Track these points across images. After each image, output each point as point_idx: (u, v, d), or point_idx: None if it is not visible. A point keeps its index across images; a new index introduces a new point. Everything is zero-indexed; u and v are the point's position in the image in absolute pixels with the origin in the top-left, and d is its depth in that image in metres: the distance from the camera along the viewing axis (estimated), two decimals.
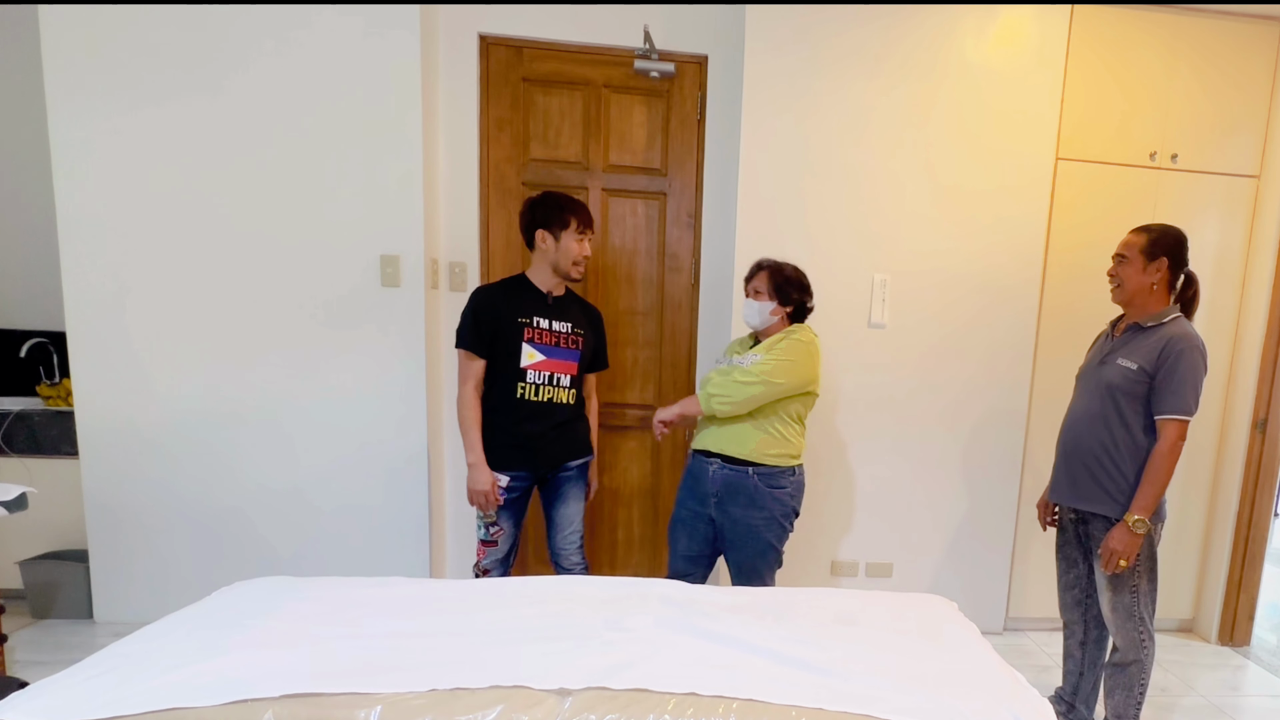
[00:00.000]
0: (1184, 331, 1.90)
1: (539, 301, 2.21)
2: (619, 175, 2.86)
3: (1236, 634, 3.02)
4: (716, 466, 2.16)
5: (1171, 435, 1.88)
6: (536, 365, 2.19)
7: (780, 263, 2.21)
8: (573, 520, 2.36)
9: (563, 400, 2.24)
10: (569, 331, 2.23)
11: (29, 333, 2.82)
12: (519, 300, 2.19)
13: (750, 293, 2.19)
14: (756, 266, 2.22)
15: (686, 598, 1.75)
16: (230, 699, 1.20)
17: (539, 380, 2.20)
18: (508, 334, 2.16)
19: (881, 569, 2.92)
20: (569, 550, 2.36)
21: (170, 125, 2.45)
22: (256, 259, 2.54)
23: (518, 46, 2.74)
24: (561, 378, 2.23)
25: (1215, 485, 3.03)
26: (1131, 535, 1.89)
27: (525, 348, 2.17)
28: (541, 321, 2.19)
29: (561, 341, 2.22)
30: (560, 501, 2.34)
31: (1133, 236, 2.00)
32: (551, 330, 2.20)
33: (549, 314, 2.21)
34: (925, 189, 2.70)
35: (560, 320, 2.22)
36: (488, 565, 2.27)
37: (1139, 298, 1.98)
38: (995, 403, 2.85)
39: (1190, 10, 2.72)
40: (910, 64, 2.63)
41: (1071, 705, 2.29)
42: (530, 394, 2.19)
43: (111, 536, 2.63)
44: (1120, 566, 1.91)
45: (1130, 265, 1.97)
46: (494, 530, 2.23)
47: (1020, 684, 1.46)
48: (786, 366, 2.09)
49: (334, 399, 2.64)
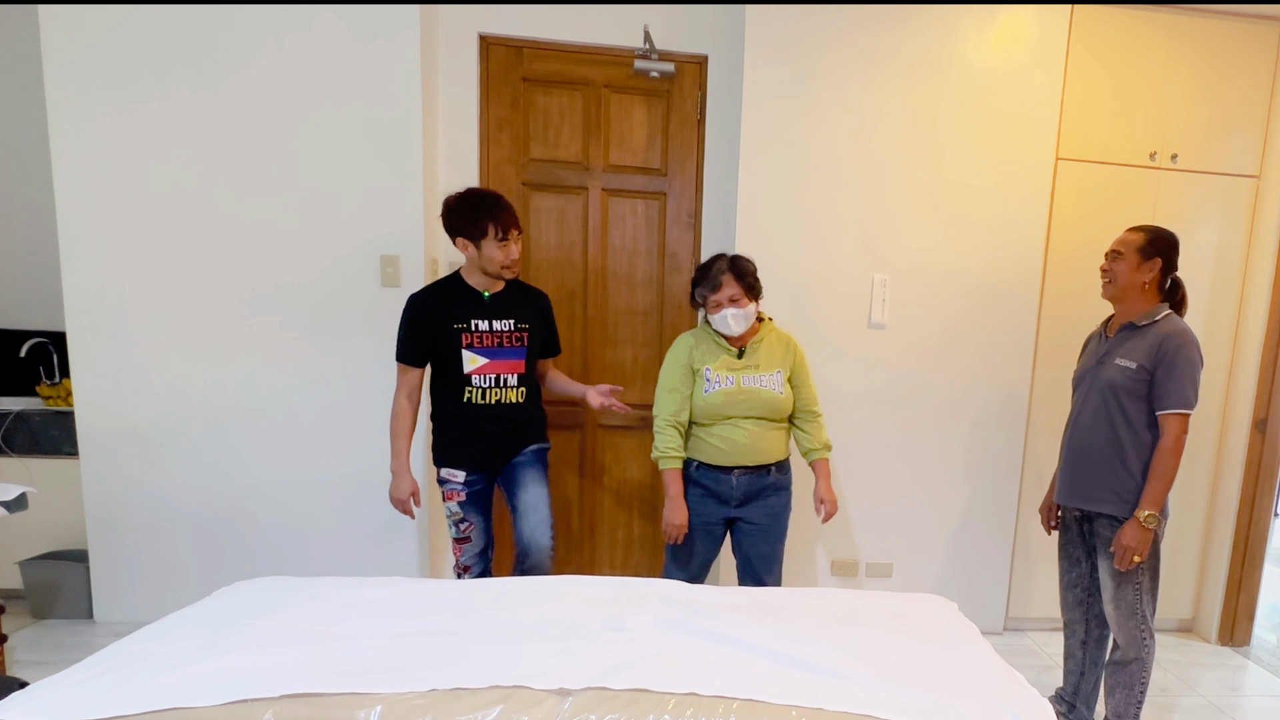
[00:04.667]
0: (1179, 328, 1.93)
1: (474, 302, 2.14)
2: (619, 175, 2.86)
3: (1236, 634, 3.02)
4: (739, 473, 2.18)
5: (1175, 429, 1.91)
6: (480, 370, 2.14)
7: (733, 259, 2.13)
8: (537, 505, 2.23)
9: (511, 400, 2.18)
10: (511, 329, 2.16)
11: (29, 333, 2.82)
12: (454, 304, 2.13)
13: (725, 301, 2.09)
14: (716, 273, 2.09)
15: (686, 598, 1.75)
16: (230, 699, 1.20)
17: (485, 384, 2.15)
18: (446, 341, 2.11)
19: (881, 569, 2.92)
20: (539, 536, 2.20)
21: (170, 126, 2.45)
22: (256, 259, 2.54)
23: (518, 46, 2.74)
24: (508, 378, 2.17)
25: (1215, 485, 3.03)
26: (1143, 531, 1.91)
27: (466, 354, 2.12)
28: (480, 324, 2.13)
29: (504, 341, 2.15)
30: (519, 487, 2.25)
31: (1130, 234, 2.02)
32: (492, 331, 2.14)
33: (487, 314, 2.14)
34: (925, 189, 2.70)
35: (501, 318, 2.15)
36: (467, 562, 2.24)
37: (1129, 295, 2.00)
38: (995, 402, 2.84)
39: (1190, 10, 2.72)
40: (910, 64, 2.62)
41: (1072, 705, 2.29)
42: (477, 398, 2.15)
43: (111, 536, 2.63)
44: (1134, 562, 1.92)
45: (1125, 262, 1.99)
46: (464, 527, 2.21)
47: (1020, 684, 1.46)
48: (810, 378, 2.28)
49: (334, 399, 2.63)
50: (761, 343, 2.19)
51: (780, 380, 2.17)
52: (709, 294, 2.10)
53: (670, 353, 2.22)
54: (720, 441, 2.15)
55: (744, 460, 2.16)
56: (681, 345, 2.20)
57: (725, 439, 2.15)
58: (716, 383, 2.13)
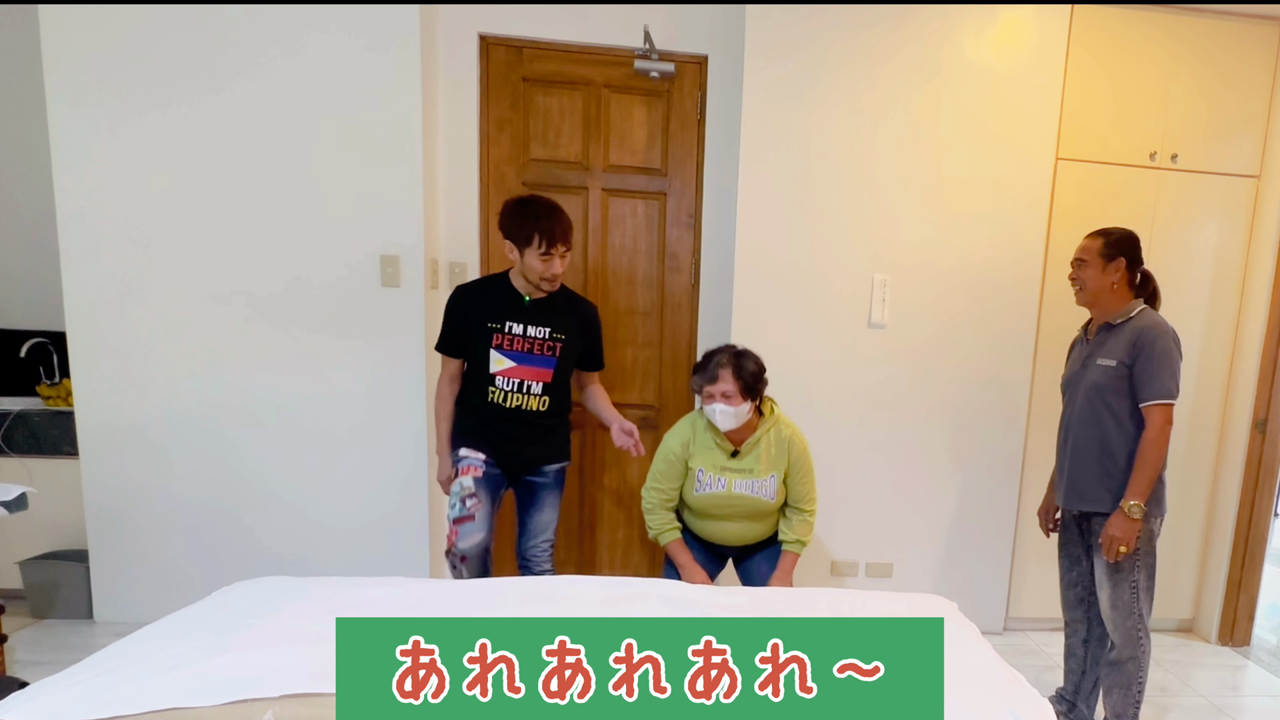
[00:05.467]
0: (1153, 321, 1.96)
1: (514, 304, 2.13)
2: (619, 175, 2.86)
3: (1236, 634, 3.02)
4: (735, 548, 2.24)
5: (1158, 420, 1.93)
6: (505, 372, 2.13)
7: (737, 355, 2.04)
8: (545, 529, 2.28)
9: (533, 408, 2.17)
10: (545, 337, 2.14)
11: (29, 333, 2.82)
12: (493, 302, 2.13)
13: (718, 396, 1.99)
14: (715, 365, 2.01)
15: (686, 598, 1.74)
16: (230, 699, 1.20)
17: (508, 387, 2.14)
18: (477, 338, 2.12)
19: (881, 569, 2.92)
20: (540, 558, 2.27)
21: (169, 126, 2.45)
22: (256, 259, 2.54)
23: (518, 46, 2.74)
24: (532, 385, 2.15)
25: (1215, 485, 3.03)
26: (1129, 521, 1.92)
27: (493, 354, 2.11)
28: (514, 327, 2.12)
29: (535, 348, 2.14)
30: (534, 507, 2.28)
31: (1089, 241, 2.07)
32: (525, 336, 2.13)
33: (524, 318, 2.13)
34: (925, 189, 2.70)
35: (537, 325, 2.13)
36: (465, 550, 2.10)
37: (1101, 297, 2.04)
38: (995, 402, 2.85)
39: (1190, 10, 2.72)
40: (911, 64, 2.62)
41: (1073, 704, 2.29)
42: (499, 399, 2.15)
43: (111, 536, 2.63)
44: (1120, 553, 1.93)
45: (1090, 268, 2.03)
46: (471, 504, 2.11)
47: (1020, 684, 1.46)
48: (813, 476, 2.16)
49: (333, 398, 2.63)
50: (759, 443, 2.09)
51: (774, 485, 2.11)
52: (704, 384, 2.02)
53: (666, 439, 2.16)
54: (709, 533, 2.20)
55: (733, 543, 2.22)
56: (677, 435, 2.14)
57: (713, 531, 2.19)
58: (707, 485, 2.09)
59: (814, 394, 2.75)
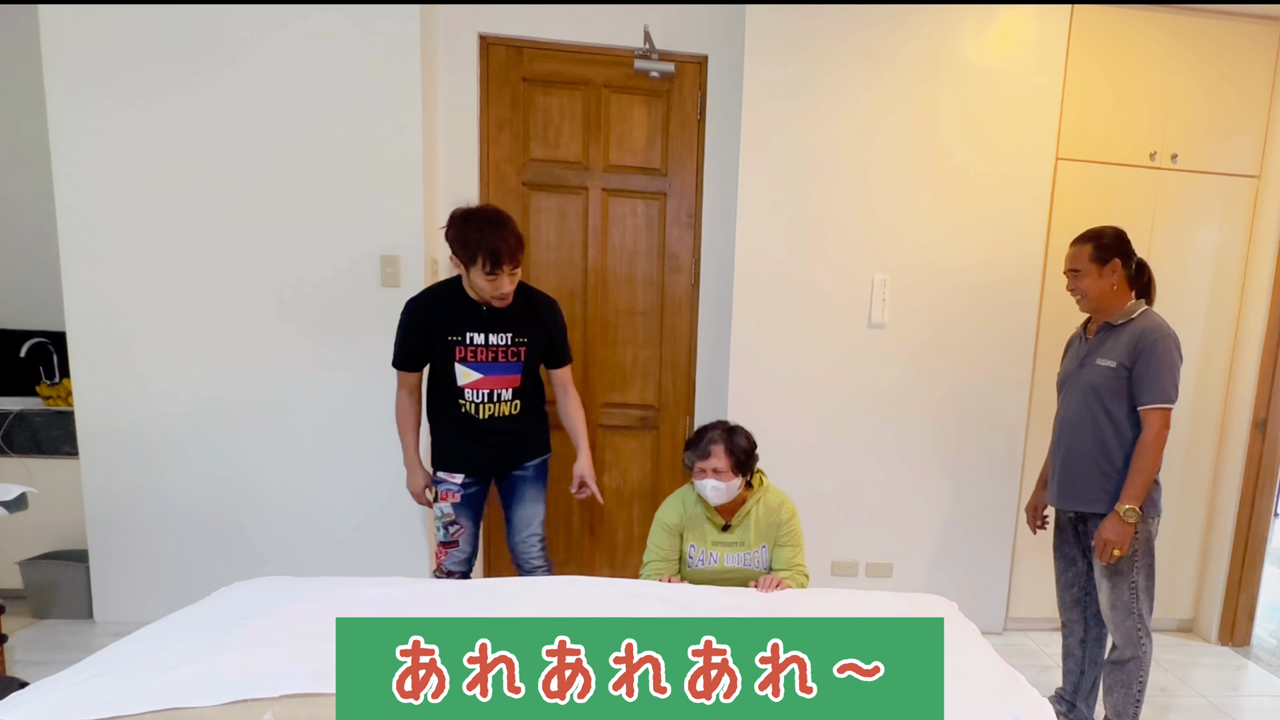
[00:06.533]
0: (1155, 323, 1.95)
1: (473, 314, 2.06)
2: (619, 175, 2.86)
3: (1236, 634, 3.02)
4: None
5: (1155, 424, 1.92)
6: (473, 385, 2.09)
7: (729, 431, 2.01)
8: (531, 522, 2.27)
9: (505, 413, 2.14)
10: (507, 343, 2.10)
11: (29, 333, 2.82)
12: (451, 313, 2.06)
13: (710, 472, 1.96)
14: (708, 442, 1.98)
15: (686, 598, 1.75)
16: (230, 699, 1.20)
17: (478, 399, 2.11)
18: (440, 351, 2.07)
19: (881, 569, 2.92)
20: (530, 553, 2.28)
21: (169, 126, 2.45)
22: (256, 259, 2.54)
23: (518, 46, 2.74)
24: (502, 393, 2.12)
25: (1215, 485, 3.02)
26: (1123, 524, 1.92)
27: (459, 368, 2.06)
28: (475, 337, 2.06)
29: (499, 355, 2.09)
30: (517, 502, 2.27)
31: (1077, 248, 2.04)
32: (488, 345, 2.07)
33: (484, 326, 2.07)
34: (925, 189, 2.70)
35: (498, 331, 2.08)
36: (451, 568, 2.20)
37: (1104, 302, 2.02)
38: (995, 402, 2.84)
39: (1190, 10, 2.72)
40: (910, 64, 2.62)
41: (1072, 704, 2.29)
42: (471, 410, 2.12)
43: (111, 536, 2.63)
44: (1114, 556, 1.93)
45: (1086, 277, 2.01)
46: (454, 530, 2.18)
47: (1020, 684, 1.46)
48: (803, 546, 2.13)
49: (333, 398, 2.63)
50: (749, 515, 2.07)
51: (765, 555, 2.10)
52: (696, 460, 2.00)
53: (661, 511, 2.13)
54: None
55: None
56: (671, 508, 2.11)
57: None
58: (700, 560, 2.09)
59: (814, 394, 2.75)
